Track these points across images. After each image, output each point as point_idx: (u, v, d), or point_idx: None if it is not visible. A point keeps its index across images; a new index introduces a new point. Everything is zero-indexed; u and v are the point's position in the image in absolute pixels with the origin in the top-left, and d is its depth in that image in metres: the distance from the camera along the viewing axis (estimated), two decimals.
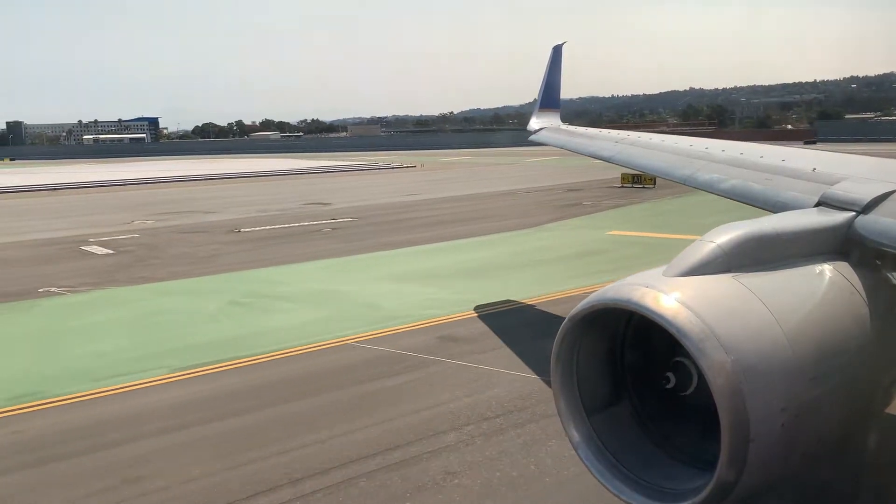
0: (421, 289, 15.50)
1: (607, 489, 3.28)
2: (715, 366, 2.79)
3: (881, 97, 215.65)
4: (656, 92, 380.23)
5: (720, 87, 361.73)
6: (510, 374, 9.72)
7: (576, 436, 3.37)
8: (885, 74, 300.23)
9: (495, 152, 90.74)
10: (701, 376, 2.88)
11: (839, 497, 5.24)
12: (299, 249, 21.61)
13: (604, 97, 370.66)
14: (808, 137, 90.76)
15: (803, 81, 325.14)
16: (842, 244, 3.78)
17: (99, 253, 21.99)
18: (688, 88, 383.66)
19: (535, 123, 13.20)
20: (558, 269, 17.11)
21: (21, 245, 24.09)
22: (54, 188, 51.11)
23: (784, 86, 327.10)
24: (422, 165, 64.92)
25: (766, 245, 3.40)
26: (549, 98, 13.55)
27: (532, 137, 13.11)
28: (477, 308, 13.30)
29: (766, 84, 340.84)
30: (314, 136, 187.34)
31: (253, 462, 7.47)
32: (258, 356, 11.01)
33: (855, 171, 4.61)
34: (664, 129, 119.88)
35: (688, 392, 3.15)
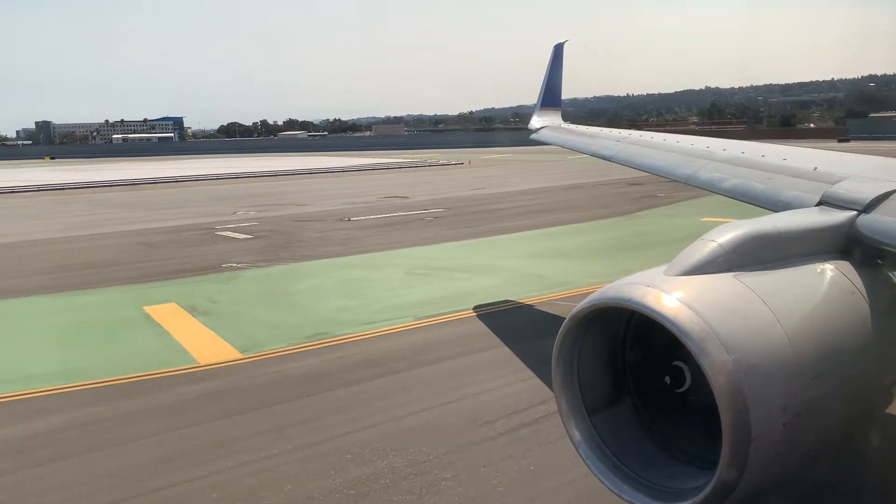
0: (568, 263, 17.64)
1: (609, 488, 3.28)
2: (716, 365, 2.81)
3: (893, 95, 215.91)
4: (672, 91, 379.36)
5: (736, 87, 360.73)
6: None
7: (577, 435, 3.38)
8: None
9: (534, 150, 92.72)
10: (702, 376, 2.89)
11: (840, 497, 5.30)
12: (421, 234, 23.79)
13: (619, 96, 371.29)
14: (841, 136, 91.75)
15: (819, 80, 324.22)
16: (843, 243, 3.80)
17: (239, 237, 24.24)
18: (703, 87, 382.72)
19: (535, 122, 13.31)
20: (680, 247, 19.17)
21: (157, 231, 26.43)
22: (131, 184, 53.52)
23: (801, 84, 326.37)
24: (469, 163, 67.19)
25: (767, 244, 3.42)
26: (551, 97, 13.61)
27: (533, 136, 13.18)
28: None
29: (783, 83, 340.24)
30: (338, 135, 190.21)
31: (522, 381, 9.52)
32: (479, 309, 13.21)
33: (856, 170, 4.62)
34: (691, 128, 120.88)
35: (689, 391, 3.21)
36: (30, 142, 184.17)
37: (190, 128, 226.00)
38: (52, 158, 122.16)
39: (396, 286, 15.66)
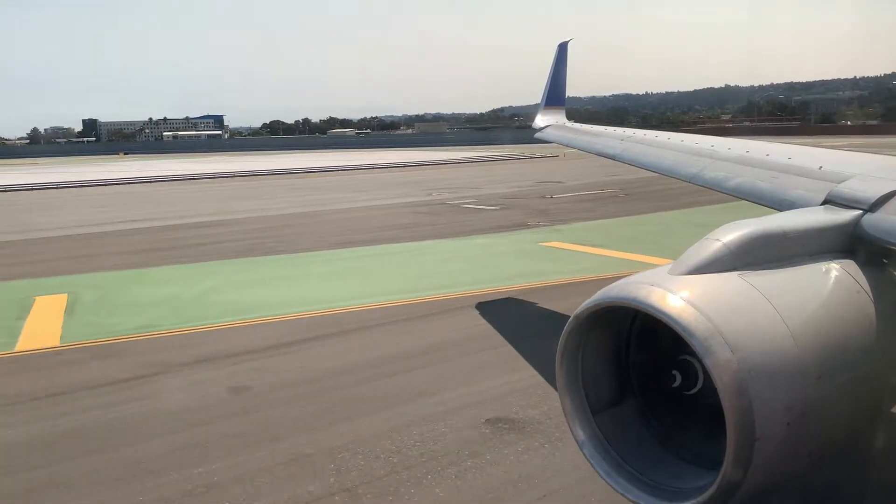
0: None
1: (613, 488, 3.30)
2: (720, 364, 2.83)
3: None
4: (691, 89, 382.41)
5: (756, 85, 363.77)
6: None
7: (581, 434, 3.41)
8: None
9: None
10: (706, 375, 2.92)
11: (845, 497, 5.32)
12: (634, 206, 28.56)
13: (637, 94, 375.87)
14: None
15: (842, 78, 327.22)
16: (848, 242, 3.81)
17: (489, 208, 29.50)
18: (723, 86, 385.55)
19: (540, 121, 13.49)
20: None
21: (407, 205, 31.57)
22: (289, 173, 58.36)
23: (823, 82, 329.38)
24: (564, 155, 72.49)
25: (772, 243, 3.44)
26: (555, 95, 13.84)
27: (537, 135, 13.37)
28: None
29: (805, 80, 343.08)
30: (381, 132, 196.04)
31: None
32: None
33: (862, 169, 4.59)
34: (747, 124, 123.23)
35: (693, 391, 3.25)
36: (88, 139, 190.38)
37: (228, 125, 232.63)
38: (125, 154, 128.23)
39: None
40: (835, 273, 3.50)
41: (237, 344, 11.24)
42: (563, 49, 14.05)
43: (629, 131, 10.06)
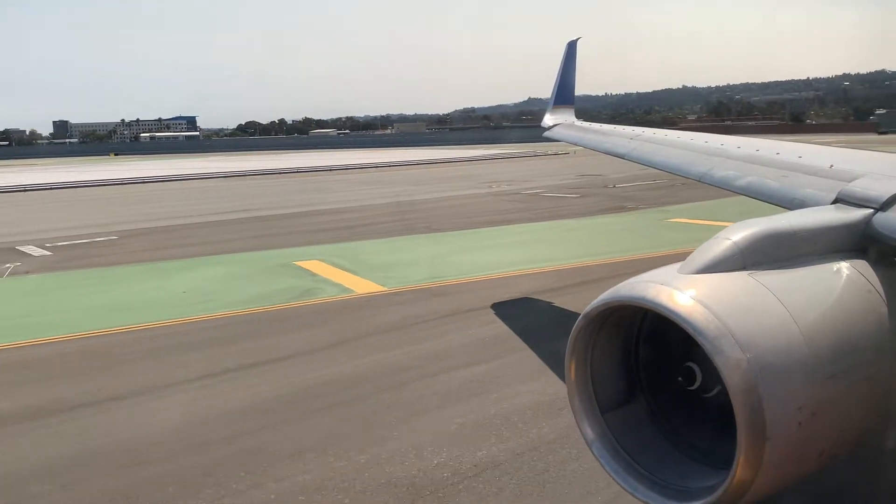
0: None
1: (622, 487, 3.27)
2: (731, 364, 2.79)
3: (875, 94, 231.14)
4: (650, 90, 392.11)
5: (713, 85, 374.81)
6: None
7: (590, 433, 3.38)
8: (877, 72, 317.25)
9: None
10: (716, 374, 2.85)
11: (857, 497, 5.39)
12: (702, 193, 32.81)
13: (597, 95, 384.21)
14: (870, 130, 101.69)
15: (796, 79, 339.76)
16: (859, 241, 3.75)
17: (571, 196, 33.43)
18: (681, 86, 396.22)
19: (548, 120, 13.59)
20: None
21: (485, 195, 35.43)
22: (311, 171, 61.08)
23: (778, 83, 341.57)
24: (574, 152, 76.72)
25: (782, 242, 3.39)
26: (564, 94, 13.92)
27: (546, 134, 13.46)
28: None
29: (761, 81, 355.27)
30: (360, 132, 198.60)
31: None
32: None
33: (873, 167, 4.54)
34: (728, 124, 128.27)
35: (703, 390, 3.21)
36: (70, 140, 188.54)
37: (199, 127, 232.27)
38: (116, 154, 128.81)
39: None
40: (846, 272, 3.43)
41: (524, 288, 14.49)
42: (571, 48, 14.19)
43: (638, 130, 10.10)
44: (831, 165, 4.81)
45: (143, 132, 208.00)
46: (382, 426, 7.97)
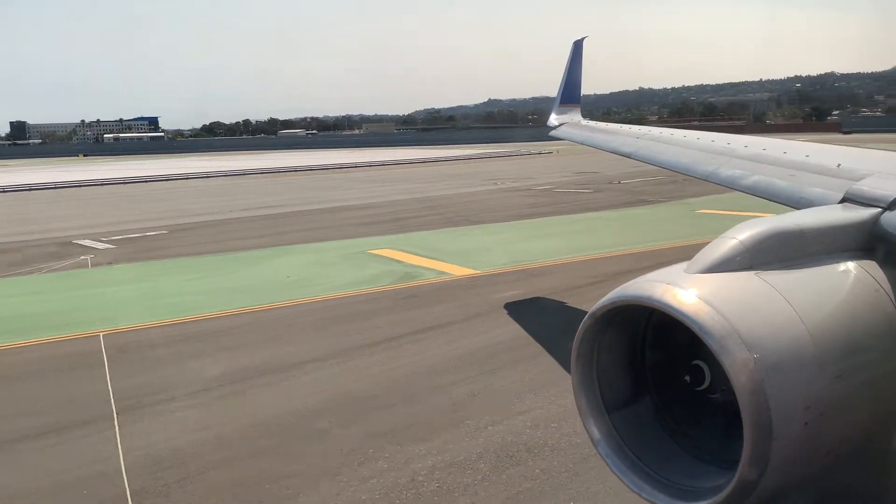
0: None
1: (628, 487, 3.24)
2: (737, 363, 2.75)
3: (824, 95, 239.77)
4: (606, 92, 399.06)
5: (669, 87, 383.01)
6: None
7: (596, 433, 3.34)
8: (826, 73, 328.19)
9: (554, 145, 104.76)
10: (723, 374, 2.82)
11: (863, 497, 4.98)
12: (704, 188, 34.98)
13: (550, 97, 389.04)
14: (833, 129, 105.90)
15: (750, 81, 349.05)
16: (867, 241, 3.69)
17: (585, 191, 35.21)
18: (637, 88, 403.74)
19: (554, 119, 13.60)
20: None
21: (493, 192, 36.98)
22: (310, 170, 61.44)
23: (732, 84, 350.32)
24: (557, 152, 78.76)
25: (789, 242, 3.35)
26: (570, 93, 13.97)
27: (552, 133, 13.48)
28: None
29: (716, 83, 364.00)
30: (328, 133, 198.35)
31: None
32: None
33: (881, 166, 4.49)
34: (695, 124, 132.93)
35: (709, 390, 3.18)
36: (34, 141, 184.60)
37: (162, 129, 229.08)
38: (84, 156, 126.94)
39: None
40: (853, 272, 3.39)
41: (610, 269, 15.96)
42: (577, 47, 14.16)
43: (644, 129, 10.16)
44: (839, 165, 4.79)
45: (105, 133, 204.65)
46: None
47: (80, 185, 51.71)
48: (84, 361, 10.91)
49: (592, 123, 12.86)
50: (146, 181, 54.81)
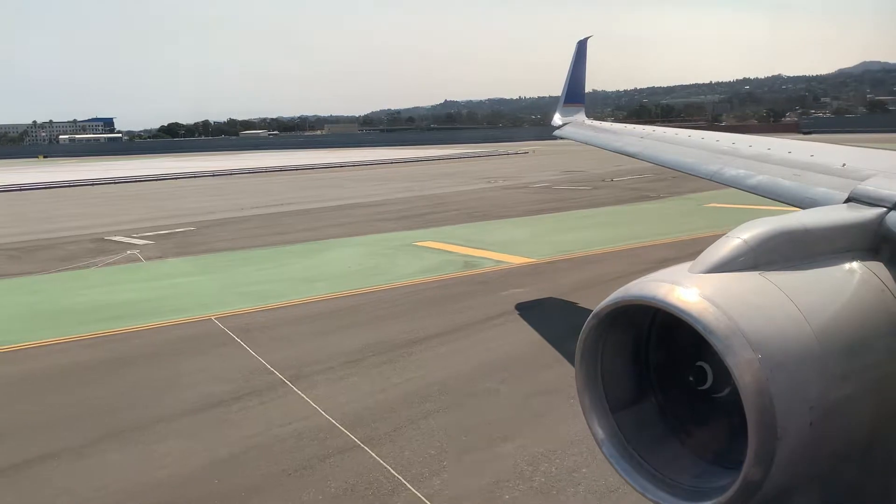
0: None
1: (632, 487, 3.21)
2: (742, 363, 2.71)
3: (773, 97, 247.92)
4: (559, 93, 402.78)
5: (622, 89, 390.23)
6: None
7: (600, 433, 3.31)
8: (774, 76, 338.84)
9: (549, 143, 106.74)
10: (727, 374, 2.78)
11: (868, 498, 4.78)
12: (698, 184, 36.83)
13: (510, 98, 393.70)
14: (791, 130, 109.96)
15: (700, 83, 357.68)
16: (872, 241, 3.66)
17: (583, 188, 36.72)
18: (591, 90, 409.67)
19: (558, 119, 13.63)
20: None
21: (492, 189, 38.16)
22: (294, 170, 61.77)
23: (683, 87, 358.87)
24: (534, 151, 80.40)
25: (794, 241, 3.32)
26: (574, 93, 13.99)
27: (556, 132, 13.49)
28: None
29: (667, 85, 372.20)
30: (290, 133, 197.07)
31: None
32: None
33: (886, 166, 4.49)
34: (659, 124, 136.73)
35: (714, 390, 3.16)
36: None
37: (118, 130, 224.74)
38: (45, 157, 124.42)
39: None
40: (859, 272, 3.32)
41: (655, 257, 17.37)
42: (582, 46, 14.17)
43: (648, 129, 10.23)
44: (844, 164, 4.77)
45: (58, 134, 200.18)
46: None
47: (71, 186, 51.28)
48: (217, 340, 11.78)
49: (596, 123, 13.08)
50: (136, 181, 54.69)
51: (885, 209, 3.68)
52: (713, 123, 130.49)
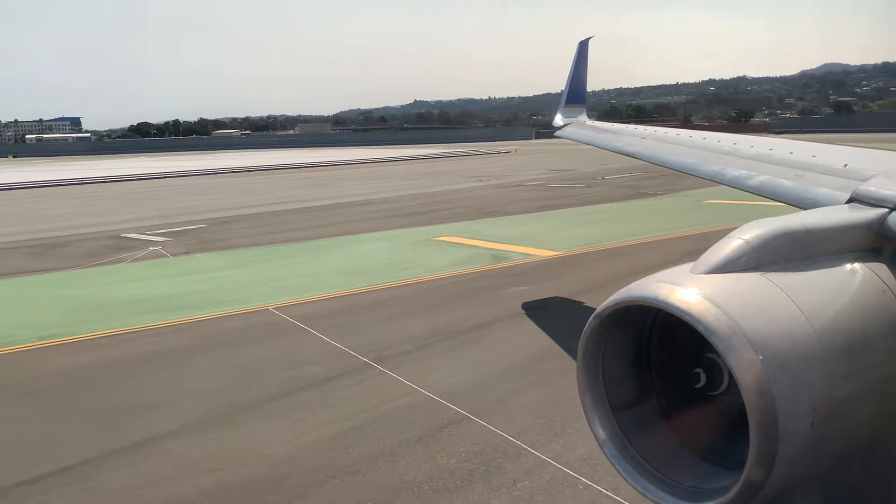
0: None
1: (634, 487, 3.22)
2: (743, 364, 2.72)
3: (738, 98, 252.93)
4: (531, 94, 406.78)
5: (590, 90, 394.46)
6: None
7: (602, 434, 3.31)
8: (738, 77, 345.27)
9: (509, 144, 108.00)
10: (729, 374, 2.84)
11: (870, 498, 4.85)
12: (691, 182, 37.70)
13: (480, 99, 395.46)
14: (762, 130, 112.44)
15: (667, 84, 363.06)
16: (874, 241, 3.66)
17: (578, 186, 37.25)
18: (559, 91, 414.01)
19: (560, 119, 13.70)
20: None
21: (486, 188, 38.34)
22: (278, 169, 61.92)
23: (650, 87, 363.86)
24: (516, 151, 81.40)
25: (796, 242, 3.32)
26: (575, 93, 14.09)
27: (558, 133, 13.60)
28: None
29: (634, 86, 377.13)
30: (262, 133, 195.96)
31: None
32: None
33: (888, 166, 4.52)
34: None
35: (715, 390, 3.17)
36: None
37: (86, 130, 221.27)
38: (14, 157, 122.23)
39: None
40: (860, 272, 3.32)
41: (679, 248, 18.11)
42: (583, 47, 14.28)
43: (650, 129, 10.32)
44: (846, 165, 4.78)
45: (24, 133, 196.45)
46: None
47: (53, 186, 50.95)
48: (283, 328, 12.27)
49: (598, 124, 13.20)
50: (119, 181, 54.58)
51: (886, 210, 3.68)
52: (685, 124, 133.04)
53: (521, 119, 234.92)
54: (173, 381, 9.91)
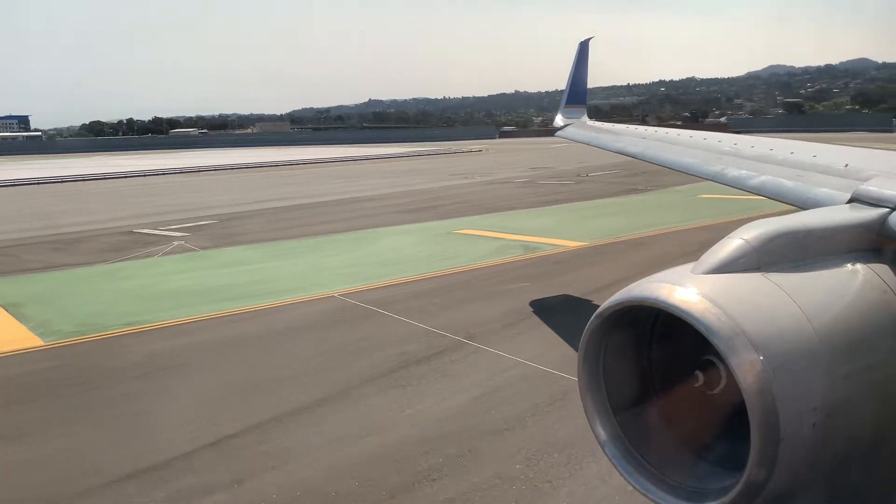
0: None
1: (635, 488, 3.23)
2: (744, 364, 2.71)
3: (688, 98, 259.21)
4: (485, 94, 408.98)
5: (543, 91, 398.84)
6: None
7: (602, 434, 3.28)
8: (688, 78, 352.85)
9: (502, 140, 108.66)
10: (730, 375, 2.79)
11: (871, 499, 4.87)
12: (680, 178, 38.72)
13: (436, 98, 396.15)
14: (722, 128, 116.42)
15: (618, 85, 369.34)
16: (875, 241, 3.65)
17: (568, 182, 37.87)
18: (514, 91, 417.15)
19: (560, 120, 13.77)
20: None
21: (476, 185, 38.84)
22: (256, 167, 61.26)
23: (602, 88, 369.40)
24: (487, 150, 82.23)
25: (797, 242, 3.30)
26: (576, 94, 14.13)
27: (558, 133, 13.67)
28: None
29: (593, 87, 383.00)
30: (219, 132, 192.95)
31: None
32: None
33: (889, 166, 4.53)
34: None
35: (716, 391, 3.09)
36: None
37: (36, 128, 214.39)
38: None
39: None
40: (861, 272, 3.31)
41: (701, 238, 18.99)
42: (584, 47, 14.32)
43: (650, 129, 10.46)
44: (846, 165, 4.79)
45: None
46: None
47: (30, 184, 50.19)
48: (359, 312, 12.85)
49: (598, 124, 13.23)
50: (98, 179, 54.21)
51: (887, 210, 3.67)
52: (643, 122, 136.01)
53: (477, 119, 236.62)
54: (285, 361, 10.42)
